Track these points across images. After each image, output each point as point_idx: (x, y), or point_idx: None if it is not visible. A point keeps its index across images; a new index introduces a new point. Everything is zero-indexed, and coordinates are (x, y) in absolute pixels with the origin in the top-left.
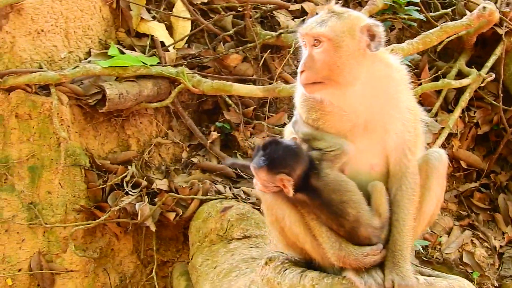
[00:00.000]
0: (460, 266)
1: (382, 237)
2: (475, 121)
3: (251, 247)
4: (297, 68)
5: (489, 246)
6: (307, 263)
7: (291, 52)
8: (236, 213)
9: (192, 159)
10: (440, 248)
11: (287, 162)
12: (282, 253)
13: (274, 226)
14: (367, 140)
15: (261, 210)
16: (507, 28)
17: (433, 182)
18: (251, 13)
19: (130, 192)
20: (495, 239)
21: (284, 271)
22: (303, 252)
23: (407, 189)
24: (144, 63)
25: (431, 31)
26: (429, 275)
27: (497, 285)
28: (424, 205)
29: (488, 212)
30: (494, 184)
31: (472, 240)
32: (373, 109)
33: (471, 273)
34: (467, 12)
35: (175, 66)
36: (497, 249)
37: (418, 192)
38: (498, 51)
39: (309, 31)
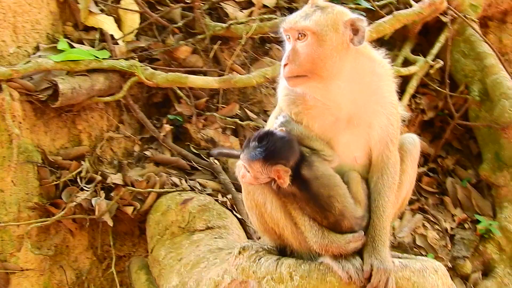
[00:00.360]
0: (415, 249)
1: (363, 225)
2: (421, 107)
3: (215, 238)
4: (246, 59)
5: (440, 229)
6: (280, 251)
7: (242, 43)
8: (198, 204)
9: (145, 152)
10: (393, 233)
11: (284, 153)
12: (254, 242)
13: (253, 211)
14: (350, 134)
15: (220, 202)
16: (451, 16)
17: (408, 166)
18: (198, 4)
19: (85, 188)
20: (445, 222)
21: (259, 259)
22: (281, 237)
23: (388, 178)
24: (96, 57)
25: (383, 19)
26: (399, 258)
27: (451, 266)
28: (400, 188)
29: (437, 196)
30: (441, 168)
31: (423, 223)
32: (357, 103)
33: (425, 255)
34: (411, 1)
35: (126, 59)
36: (448, 231)
37: (398, 179)
38: (443, 38)
39: (293, 25)
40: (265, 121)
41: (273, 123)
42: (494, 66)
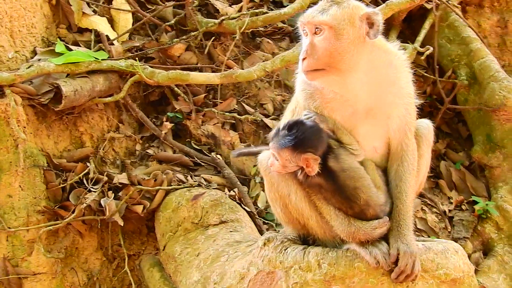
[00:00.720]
0: (417, 233)
1: (387, 211)
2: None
3: (230, 232)
4: (240, 54)
5: (438, 212)
6: (304, 241)
7: (236, 38)
8: (210, 199)
9: (147, 151)
10: None
11: (313, 142)
12: (278, 233)
13: (277, 202)
14: (369, 125)
15: (227, 195)
16: (435, 2)
17: (424, 150)
18: (190, 1)
19: (92, 189)
20: (442, 204)
21: (285, 249)
22: (305, 227)
23: (408, 165)
24: (96, 58)
25: (377, 8)
26: (423, 241)
27: None
28: (418, 172)
29: (432, 179)
30: (434, 152)
31: (422, 207)
32: (375, 95)
33: (428, 238)
34: None
35: (124, 59)
36: (446, 214)
37: (416, 165)
38: (427, 24)
39: (311, 20)
40: (262, 114)
41: (292, 116)
42: (480, 50)
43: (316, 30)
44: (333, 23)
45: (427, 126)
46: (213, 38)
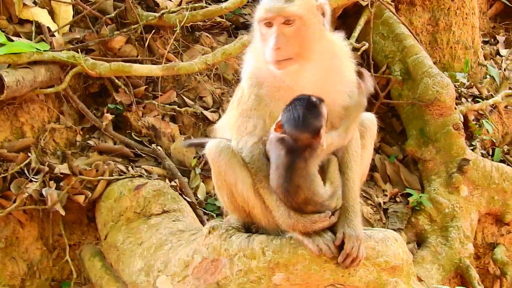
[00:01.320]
0: None
1: (332, 206)
2: None
3: (173, 221)
4: (179, 48)
5: (373, 204)
6: (247, 229)
7: (177, 31)
8: (152, 189)
9: (88, 142)
10: None
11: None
12: (222, 221)
13: (223, 190)
14: None
15: (168, 185)
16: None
17: (368, 141)
18: None
19: (33, 179)
20: (377, 197)
21: (230, 237)
22: (250, 215)
23: (353, 153)
24: (38, 49)
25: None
26: (364, 229)
27: None
28: (362, 162)
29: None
30: None
31: None
32: (321, 83)
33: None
34: None
35: (66, 50)
36: (381, 206)
37: (360, 153)
38: (362, 21)
39: (281, 12)
40: (202, 106)
41: (238, 106)
42: (413, 47)
43: (286, 21)
44: (303, 13)
45: (371, 118)
46: (153, 31)
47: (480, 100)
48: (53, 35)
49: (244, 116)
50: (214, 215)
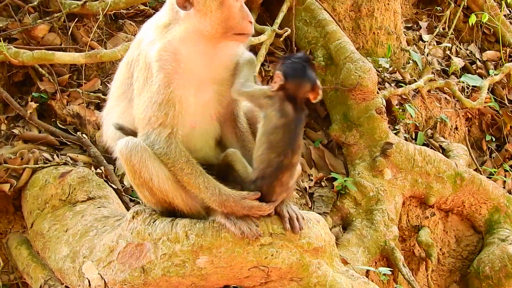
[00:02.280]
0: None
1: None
2: (271, 74)
3: (98, 208)
4: (103, 36)
5: (299, 188)
6: (171, 214)
7: (100, 19)
8: (77, 176)
9: (12, 130)
10: None
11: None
12: (146, 206)
13: (142, 188)
14: (208, 93)
15: (94, 173)
16: None
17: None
18: None
19: None
20: (303, 181)
21: (154, 222)
22: (171, 206)
23: (242, 126)
24: None
25: None
26: None
27: None
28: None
29: None
30: None
31: None
32: (215, 63)
33: None
34: None
35: None
36: (307, 190)
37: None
38: (285, 8)
39: None
40: None
41: (143, 91)
42: (336, 32)
43: None
44: None
45: None
46: (76, 19)
47: (403, 85)
48: None
49: (153, 103)
50: (140, 201)
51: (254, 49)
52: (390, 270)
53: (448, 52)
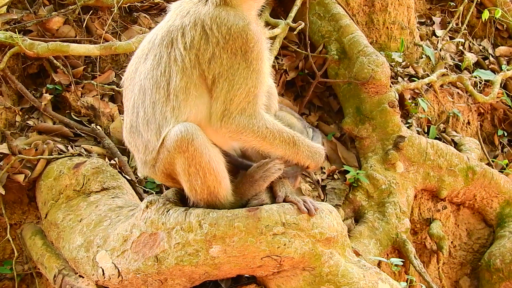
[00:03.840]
0: None
1: None
2: (284, 68)
3: (112, 198)
4: (117, 28)
5: (311, 181)
6: (184, 203)
7: (114, 11)
8: (91, 167)
9: (27, 122)
10: None
11: None
12: (159, 195)
13: (196, 176)
14: None
15: (108, 164)
16: None
17: (272, 105)
18: None
19: None
20: (315, 174)
21: (168, 211)
22: (213, 194)
23: None
24: None
25: None
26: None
27: None
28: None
29: None
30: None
31: None
32: None
33: None
34: None
35: (3, 31)
36: (319, 183)
37: None
38: (299, 2)
39: None
40: None
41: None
42: (349, 26)
43: None
44: None
45: (272, 83)
46: (91, 12)
47: (416, 79)
48: None
49: (260, 79)
50: (154, 192)
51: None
52: (401, 261)
53: (461, 47)
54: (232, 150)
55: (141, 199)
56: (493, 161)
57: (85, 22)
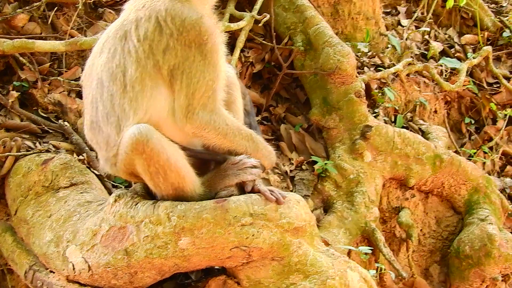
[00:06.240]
0: None
1: None
2: (250, 60)
3: (81, 193)
4: (83, 24)
5: (280, 172)
6: (152, 196)
7: (79, 7)
8: (60, 163)
9: None
10: None
11: None
12: (128, 189)
13: (157, 175)
14: None
15: (76, 159)
16: None
17: (237, 95)
18: None
19: None
20: (284, 165)
21: (136, 204)
22: (179, 188)
23: None
24: None
25: None
26: None
27: None
28: (237, 114)
29: (273, 142)
30: (274, 116)
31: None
32: None
33: None
34: None
35: None
36: (288, 174)
37: None
38: None
39: None
40: None
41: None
42: (314, 17)
43: None
44: None
45: (233, 73)
46: (56, 8)
47: (382, 69)
48: None
49: (217, 73)
50: (123, 187)
51: (234, 35)
52: (370, 249)
53: (426, 36)
54: (192, 145)
55: (110, 193)
56: (460, 149)
57: (50, 19)
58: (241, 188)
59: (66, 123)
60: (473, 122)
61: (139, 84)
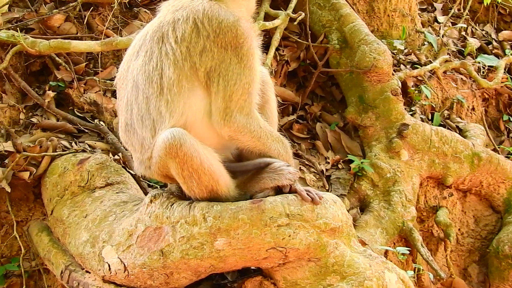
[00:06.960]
0: None
1: None
2: (285, 59)
3: (117, 193)
4: (118, 24)
5: (316, 171)
6: (188, 197)
7: (114, 7)
8: (95, 163)
9: (31, 119)
10: None
11: None
12: (163, 189)
13: (191, 179)
14: None
15: (112, 159)
16: None
17: (270, 94)
18: None
19: None
20: (320, 164)
21: (172, 205)
22: (213, 191)
23: None
24: None
25: None
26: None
27: None
28: (272, 114)
29: (309, 141)
30: (310, 115)
31: (300, 167)
32: None
33: None
34: None
35: (5, 30)
36: (324, 173)
37: None
38: None
39: None
40: None
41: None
42: (349, 15)
43: None
44: None
45: (266, 72)
46: (92, 8)
47: (418, 66)
48: None
49: (253, 76)
50: (158, 186)
51: (268, 34)
52: (408, 250)
53: (463, 33)
54: (225, 149)
55: (146, 193)
56: (499, 147)
57: (86, 19)
58: (277, 190)
59: (101, 122)
60: (511, 119)
61: (176, 86)
